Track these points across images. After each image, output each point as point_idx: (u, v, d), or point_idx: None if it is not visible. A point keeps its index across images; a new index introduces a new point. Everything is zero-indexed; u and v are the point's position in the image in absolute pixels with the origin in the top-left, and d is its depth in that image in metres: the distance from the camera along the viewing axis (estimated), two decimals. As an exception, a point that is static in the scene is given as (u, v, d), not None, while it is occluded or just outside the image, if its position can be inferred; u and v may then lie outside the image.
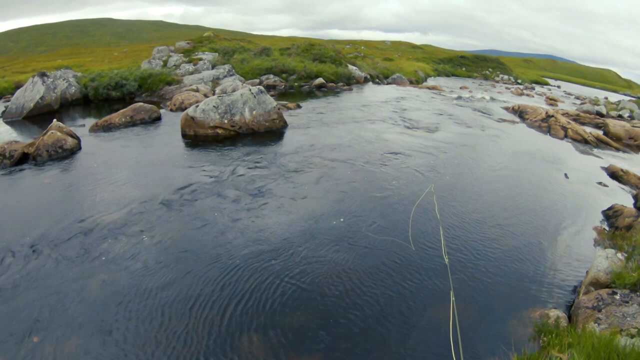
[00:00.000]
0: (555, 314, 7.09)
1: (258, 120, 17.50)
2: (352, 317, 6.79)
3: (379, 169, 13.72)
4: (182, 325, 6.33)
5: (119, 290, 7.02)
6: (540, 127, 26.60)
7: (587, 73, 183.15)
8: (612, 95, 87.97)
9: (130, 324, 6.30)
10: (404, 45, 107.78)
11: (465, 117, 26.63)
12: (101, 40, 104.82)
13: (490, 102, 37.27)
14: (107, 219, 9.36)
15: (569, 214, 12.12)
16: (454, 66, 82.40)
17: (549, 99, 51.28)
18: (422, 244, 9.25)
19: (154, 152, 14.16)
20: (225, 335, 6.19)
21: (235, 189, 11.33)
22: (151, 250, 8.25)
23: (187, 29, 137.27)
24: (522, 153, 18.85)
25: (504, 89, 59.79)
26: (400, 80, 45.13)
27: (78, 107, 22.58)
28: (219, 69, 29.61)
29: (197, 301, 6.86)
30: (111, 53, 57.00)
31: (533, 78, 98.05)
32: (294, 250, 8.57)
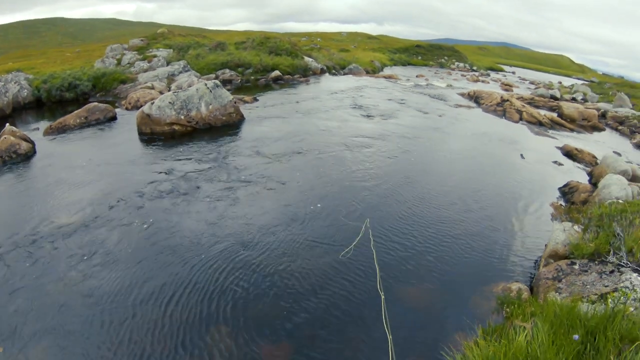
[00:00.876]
0: (516, 286, 7.46)
1: (215, 114, 17.53)
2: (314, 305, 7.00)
3: (337, 158, 13.99)
4: (148, 322, 6.38)
5: (81, 292, 7.02)
6: (495, 111, 27.16)
7: (541, 59, 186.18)
8: (566, 80, 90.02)
9: (96, 324, 6.33)
10: (360, 36, 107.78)
11: (422, 104, 27.03)
12: (52, 41, 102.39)
13: (447, 89, 37.81)
14: (66, 222, 9.28)
15: (526, 193, 12.58)
16: (410, 55, 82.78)
17: (504, 85, 52.32)
18: (378, 229, 9.48)
19: (111, 152, 14.04)
20: (193, 329, 6.28)
21: (192, 185, 11.39)
22: (112, 251, 8.25)
23: (141, 26, 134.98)
24: (478, 136, 19.29)
25: (459, 76, 60.55)
26: (356, 70, 45.35)
27: (31, 110, 22.09)
28: (174, 66, 29.40)
29: (162, 297, 6.93)
30: (63, 54, 55.71)
31: (488, 65, 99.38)
32: (252, 242, 8.73)
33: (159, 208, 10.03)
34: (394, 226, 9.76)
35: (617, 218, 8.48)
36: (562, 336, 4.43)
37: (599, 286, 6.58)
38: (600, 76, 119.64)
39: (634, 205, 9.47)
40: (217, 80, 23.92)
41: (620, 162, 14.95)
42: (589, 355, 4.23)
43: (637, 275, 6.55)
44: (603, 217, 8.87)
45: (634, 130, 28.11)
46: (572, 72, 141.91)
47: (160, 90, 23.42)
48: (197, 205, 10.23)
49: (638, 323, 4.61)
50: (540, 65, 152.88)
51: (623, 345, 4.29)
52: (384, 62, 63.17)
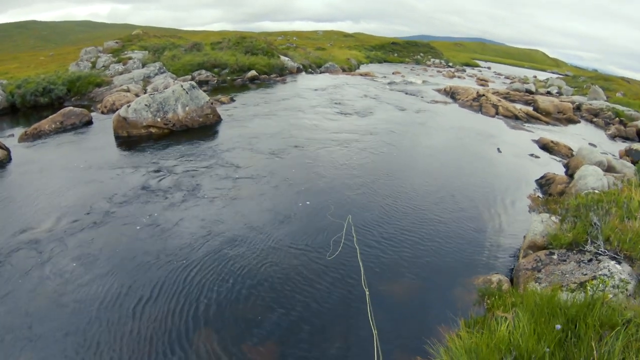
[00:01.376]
0: (497, 278, 7.58)
1: (191, 116, 17.45)
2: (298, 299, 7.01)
3: (316, 156, 14.03)
4: (130, 328, 6.32)
5: (59, 300, 6.93)
6: (472, 107, 27.40)
7: (516, 54, 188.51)
8: (541, 74, 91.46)
9: (78, 331, 6.25)
10: (336, 34, 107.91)
11: (399, 100, 27.16)
12: (25, 45, 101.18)
13: (423, 85, 38.02)
14: (44, 229, 9.14)
15: (504, 186, 12.74)
16: (385, 52, 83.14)
17: (479, 80, 52.81)
18: (359, 226, 9.52)
19: (88, 157, 13.83)
20: (178, 332, 6.25)
21: (169, 188, 11.32)
22: (89, 257, 8.15)
23: (116, 28, 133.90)
24: (455, 131, 19.46)
25: (435, 72, 61.02)
26: (333, 68, 45.44)
27: (5, 116, 21.64)
28: (150, 67, 29.13)
29: (143, 302, 6.88)
30: (37, 58, 55.13)
31: (464, 61, 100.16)
32: (233, 243, 8.73)
33: (137, 212, 9.93)
34: (375, 222, 9.83)
35: (593, 208, 8.64)
36: (543, 325, 4.52)
37: (577, 275, 6.71)
38: (575, 70, 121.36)
39: (610, 195, 9.64)
40: (193, 81, 23.81)
41: (595, 154, 15.17)
42: (570, 342, 4.31)
43: (614, 263, 6.71)
44: (580, 207, 9.02)
45: (608, 122, 28.59)
46: (547, 66, 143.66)
47: (136, 93, 23.18)
48: (175, 208, 10.16)
49: (617, 309, 4.72)
50: (515, 60, 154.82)
51: (603, 331, 4.38)
52: (360, 59, 63.34)
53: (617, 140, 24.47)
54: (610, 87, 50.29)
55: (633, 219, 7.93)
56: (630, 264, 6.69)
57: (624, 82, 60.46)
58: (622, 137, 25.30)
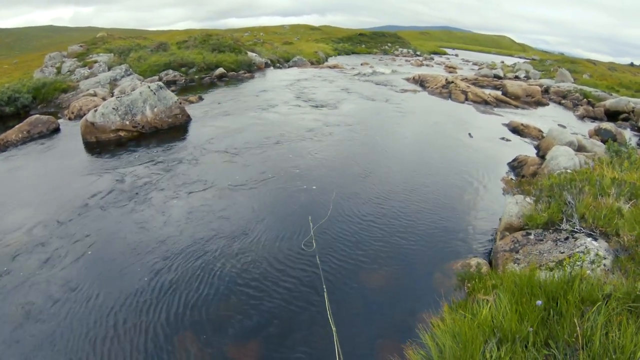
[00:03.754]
0: (475, 261, 7.67)
1: (160, 117, 17.25)
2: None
3: (288, 150, 14.00)
4: (110, 336, 6.24)
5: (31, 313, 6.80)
6: (441, 94, 27.60)
7: (483, 40, 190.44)
8: (508, 59, 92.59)
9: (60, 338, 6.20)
10: (303, 27, 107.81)
11: (368, 91, 27.24)
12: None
13: (392, 74, 38.18)
14: (14, 242, 8.92)
15: (476, 170, 12.86)
16: (353, 44, 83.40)
17: (448, 67, 53.26)
18: (331, 218, 9.51)
19: (56, 165, 13.58)
20: (159, 340, 6.17)
21: (140, 192, 11.20)
22: (64, 267, 8.02)
23: (80, 32, 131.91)
24: (426, 119, 19.64)
25: (404, 61, 61.41)
26: (301, 62, 45.42)
27: None
28: (116, 70, 28.75)
29: (118, 309, 6.79)
30: (1, 66, 54.19)
31: (431, 49, 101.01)
32: (206, 244, 8.68)
33: (107, 218, 9.78)
34: (349, 212, 9.87)
35: (567, 187, 8.74)
36: (524, 305, 4.58)
37: (555, 253, 6.81)
38: (542, 54, 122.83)
39: (582, 173, 9.77)
40: (161, 81, 23.55)
41: (566, 134, 15.35)
42: (553, 320, 4.37)
43: (591, 239, 6.80)
44: (553, 187, 9.13)
45: (576, 103, 29.04)
46: (514, 51, 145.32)
47: (103, 97, 22.85)
48: (147, 212, 10.04)
49: (597, 285, 4.77)
50: (483, 47, 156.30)
51: (585, 307, 4.44)
52: (328, 52, 63.44)
53: (586, 120, 24.89)
54: (577, 70, 51.06)
55: (606, 196, 8.06)
56: (606, 240, 6.78)
57: (590, 65, 61.40)
58: (591, 117, 25.72)
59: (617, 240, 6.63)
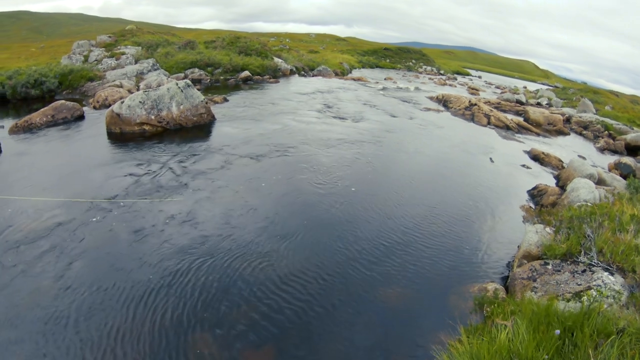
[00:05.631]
0: (492, 286, 7.68)
1: (186, 115, 17.41)
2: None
3: (309, 161, 14.02)
4: (129, 331, 6.27)
5: (59, 303, 6.83)
6: (464, 115, 27.54)
7: (506, 64, 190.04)
8: (531, 85, 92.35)
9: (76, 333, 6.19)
10: (329, 37, 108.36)
11: (391, 107, 27.25)
12: (17, 36, 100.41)
13: (415, 92, 38.19)
14: (34, 226, 9.04)
15: (496, 195, 12.84)
16: (378, 58, 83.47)
17: (470, 89, 53.12)
18: (351, 233, 9.58)
19: (79, 152, 13.75)
20: (174, 339, 6.20)
21: (163, 187, 11.29)
22: (83, 257, 8.07)
23: (108, 22, 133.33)
24: (448, 140, 19.57)
25: (427, 79, 61.34)
26: (325, 72, 45.48)
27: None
28: (143, 64, 29.00)
29: (138, 306, 6.81)
30: (28, 49, 54.64)
31: (455, 69, 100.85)
32: (225, 245, 8.72)
33: (130, 210, 9.88)
34: (368, 230, 9.85)
35: (586, 220, 8.76)
36: (541, 333, 4.64)
37: (572, 285, 6.83)
38: (564, 81, 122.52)
39: (602, 208, 9.78)
40: (186, 79, 23.72)
41: (586, 166, 15.31)
42: (568, 349, 4.43)
43: (607, 274, 6.83)
44: (573, 219, 9.15)
45: (597, 134, 28.89)
46: (537, 77, 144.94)
47: (128, 89, 23.13)
48: (169, 208, 10.12)
49: (612, 319, 4.85)
50: (506, 70, 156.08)
51: (599, 340, 4.50)
52: (352, 64, 63.53)
53: (606, 153, 24.77)
54: (599, 100, 50.93)
55: (625, 232, 8.09)
56: (623, 276, 6.83)
57: (612, 96, 61.24)
58: (611, 150, 25.59)
59: (633, 277, 6.70)
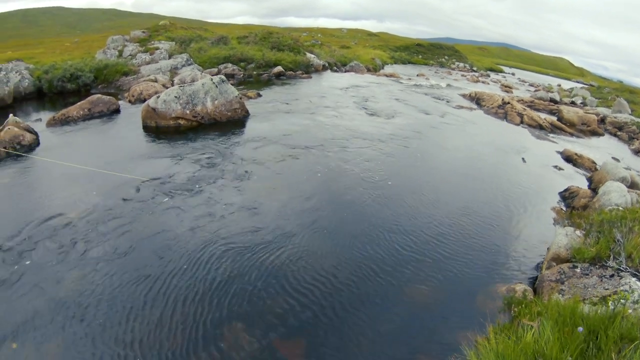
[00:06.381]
0: (521, 287, 7.70)
1: (220, 110, 17.63)
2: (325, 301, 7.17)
3: (343, 157, 14.11)
4: (165, 319, 6.44)
5: (96, 287, 7.03)
6: (497, 114, 27.25)
7: (540, 61, 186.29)
8: (565, 83, 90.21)
9: (112, 322, 6.35)
10: (361, 32, 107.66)
11: (424, 104, 27.10)
12: (51, 31, 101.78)
13: (448, 89, 37.87)
14: (74, 216, 9.23)
15: (528, 196, 12.73)
16: (410, 54, 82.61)
17: (504, 86, 52.37)
18: (381, 229, 9.69)
19: (116, 145, 14.06)
20: (209, 326, 6.36)
21: (200, 180, 11.46)
22: (124, 246, 8.27)
23: (141, 18, 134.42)
24: (481, 139, 19.43)
25: (460, 76, 60.57)
26: (358, 67, 45.34)
27: (32, 100, 21.76)
28: (177, 59, 29.32)
29: (174, 294, 6.99)
30: (62, 44, 55.37)
31: (488, 65, 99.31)
32: (262, 239, 8.83)
33: (168, 203, 10.08)
34: (402, 224, 9.93)
35: (617, 224, 8.69)
36: (566, 334, 4.68)
37: (599, 289, 6.84)
38: (600, 80, 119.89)
39: (633, 212, 9.67)
40: (219, 74, 23.97)
41: (619, 169, 15.08)
42: (592, 352, 4.46)
43: (635, 279, 6.83)
44: (604, 223, 9.07)
45: (632, 136, 28.20)
46: (572, 75, 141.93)
47: (163, 84, 23.47)
48: (206, 201, 10.29)
49: (636, 324, 4.86)
50: (540, 67, 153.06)
51: (623, 344, 4.52)
52: (384, 60, 63.10)
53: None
54: (635, 100, 49.65)
55: (655, 239, 8.00)
56: (651, 282, 6.78)
57: (650, 96, 59.76)
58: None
59: (662, 283, 6.65)
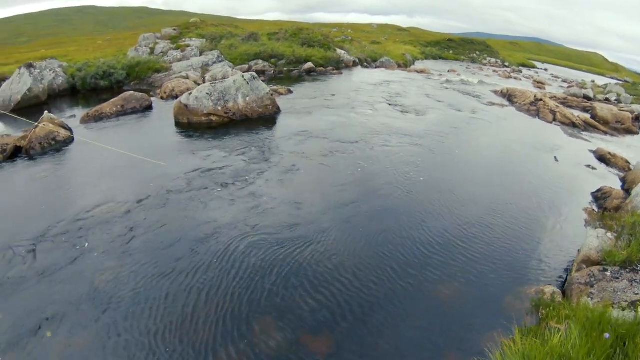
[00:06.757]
0: (550, 289, 7.37)
1: (251, 106, 17.46)
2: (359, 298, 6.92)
3: (375, 155, 13.77)
4: (199, 310, 6.40)
5: (126, 280, 7.03)
6: (529, 111, 26.63)
7: (574, 56, 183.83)
8: (599, 79, 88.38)
9: (144, 313, 6.33)
10: (391, 28, 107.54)
11: (455, 100, 26.66)
12: (83, 29, 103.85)
13: (479, 85, 37.32)
14: (108, 211, 9.26)
15: (559, 196, 12.25)
16: (440, 49, 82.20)
17: (536, 82, 51.40)
18: (409, 227, 9.37)
19: (149, 141, 14.08)
20: (238, 318, 6.29)
21: (233, 175, 11.34)
22: (155, 240, 8.24)
23: (171, 15, 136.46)
24: (512, 136, 18.95)
25: (491, 72, 59.88)
26: (388, 63, 45.02)
27: (66, 97, 22.21)
28: (208, 55, 29.38)
29: (206, 286, 6.93)
30: (94, 42, 56.24)
31: (520, 61, 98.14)
32: (293, 236, 8.63)
33: (200, 197, 10.00)
34: (431, 221, 9.68)
35: (649, 228, 8.36)
36: (594, 339, 4.61)
37: (629, 294, 6.60)
38: (635, 76, 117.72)
39: (667, 215, 9.29)
40: (250, 70, 23.88)
41: (654, 170, 14.47)
42: (619, 359, 4.42)
43: (666, 285, 6.54)
44: (636, 225, 8.72)
45: (668, 136, 27.33)
46: (606, 70, 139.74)
47: (195, 80, 23.47)
48: (239, 197, 10.14)
49: (666, 332, 4.73)
50: (573, 63, 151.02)
51: (651, 352, 4.42)
52: (415, 55, 62.76)
53: (677, 156, 23.46)
54: (672, 98, 48.44)
55: (688, 242, 7.72)
56: (682, 287, 6.49)
57: (685, 93, 58.34)
58: (682, 153, 24.17)
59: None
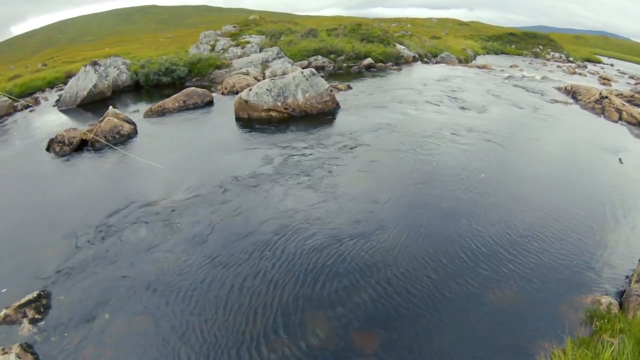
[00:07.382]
0: (606, 300, 7.01)
1: (311, 102, 17.44)
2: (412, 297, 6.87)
3: (433, 152, 13.51)
4: (252, 302, 6.51)
5: (187, 270, 7.21)
6: (593, 109, 25.59)
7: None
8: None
9: (199, 302, 6.51)
10: (451, 22, 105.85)
11: (517, 97, 25.92)
12: (146, 27, 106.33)
13: (542, 81, 36.21)
14: (170, 201, 9.51)
15: (622, 201, 11.56)
16: (502, 44, 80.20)
17: (601, 78, 49.36)
18: (465, 230, 9.18)
19: (211, 135, 14.37)
20: (290, 312, 6.35)
21: (291, 171, 11.34)
22: (215, 232, 8.36)
23: (231, 12, 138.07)
24: (575, 136, 18.19)
25: (555, 67, 57.97)
26: (449, 59, 44.26)
27: (129, 93, 22.98)
28: (268, 52, 29.57)
29: (260, 280, 7.01)
30: (157, 39, 57.54)
31: (585, 56, 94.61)
32: (349, 233, 8.54)
33: (257, 192, 10.06)
34: (488, 224, 9.39)
35: None
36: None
37: None
38: None
39: None
40: (309, 66, 23.89)
41: None
42: None
43: None
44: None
45: None
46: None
47: (255, 76, 23.65)
48: (295, 192, 10.15)
49: None
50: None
51: None
52: (476, 50, 61.46)
53: None
54: None
55: None
56: None
57: None
58: None
59: None
